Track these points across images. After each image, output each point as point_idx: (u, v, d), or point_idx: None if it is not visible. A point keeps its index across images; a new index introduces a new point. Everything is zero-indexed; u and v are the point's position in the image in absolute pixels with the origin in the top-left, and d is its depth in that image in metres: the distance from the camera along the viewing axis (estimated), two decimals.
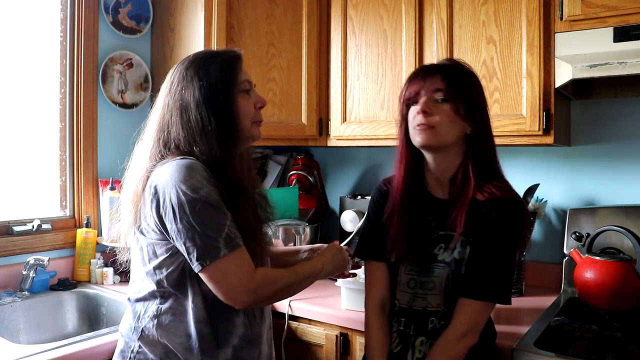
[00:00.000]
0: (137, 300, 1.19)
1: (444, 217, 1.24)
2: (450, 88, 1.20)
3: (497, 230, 1.18)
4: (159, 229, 1.12)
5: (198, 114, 1.15)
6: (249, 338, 1.19)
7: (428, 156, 1.26)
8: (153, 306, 1.15)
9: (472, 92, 1.23)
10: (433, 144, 1.21)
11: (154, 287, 1.15)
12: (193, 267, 1.09)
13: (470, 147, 1.23)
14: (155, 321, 1.14)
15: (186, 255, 1.09)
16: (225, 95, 1.17)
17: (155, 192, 1.10)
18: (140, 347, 1.15)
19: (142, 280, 1.18)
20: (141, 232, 1.16)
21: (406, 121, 1.26)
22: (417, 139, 1.22)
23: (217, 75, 1.17)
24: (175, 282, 1.13)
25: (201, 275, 1.10)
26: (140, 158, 1.20)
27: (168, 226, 1.09)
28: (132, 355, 1.15)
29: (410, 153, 1.28)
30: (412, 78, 1.26)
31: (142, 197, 1.15)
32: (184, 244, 1.07)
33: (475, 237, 1.19)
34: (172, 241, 1.11)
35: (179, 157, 1.13)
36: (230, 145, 1.16)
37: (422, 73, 1.25)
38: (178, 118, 1.16)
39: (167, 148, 1.17)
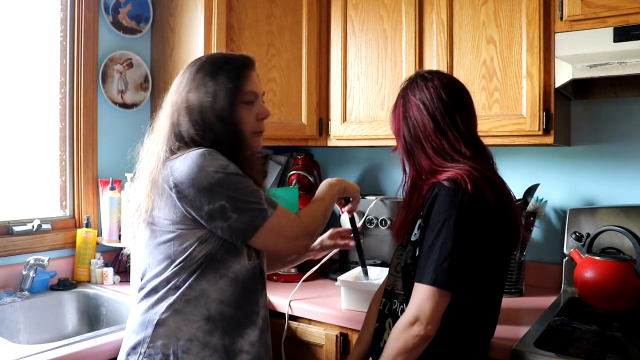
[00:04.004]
0: (148, 294, 1.19)
1: None
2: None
3: (431, 212, 1.16)
4: (189, 218, 1.14)
5: (203, 119, 1.19)
6: (267, 321, 1.27)
7: None
8: (166, 296, 1.16)
9: (397, 116, 1.32)
10: None
11: (170, 277, 1.16)
12: (243, 238, 1.14)
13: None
14: (170, 311, 1.15)
15: (233, 230, 1.13)
16: (227, 105, 1.21)
17: (177, 185, 1.13)
18: (153, 340, 1.14)
19: (156, 275, 1.19)
20: (158, 226, 1.18)
21: None
22: None
23: (223, 83, 1.21)
24: (198, 267, 1.16)
25: (255, 240, 1.15)
26: (155, 148, 1.22)
27: (205, 209, 1.12)
28: (142, 351, 1.15)
29: None
30: None
31: (158, 191, 1.16)
32: (230, 219, 1.12)
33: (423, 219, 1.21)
34: (207, 224, 1.14)
35: (194, 148, 1.17)
36: (232, 152, 1.20)
37: None
38: (186, 118, 1.20)
39: (180, 141, 1.21)
